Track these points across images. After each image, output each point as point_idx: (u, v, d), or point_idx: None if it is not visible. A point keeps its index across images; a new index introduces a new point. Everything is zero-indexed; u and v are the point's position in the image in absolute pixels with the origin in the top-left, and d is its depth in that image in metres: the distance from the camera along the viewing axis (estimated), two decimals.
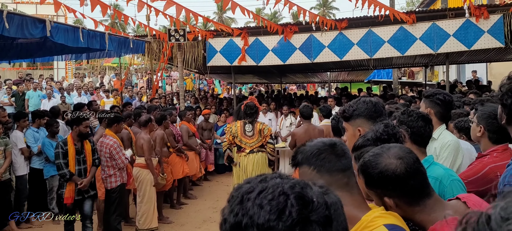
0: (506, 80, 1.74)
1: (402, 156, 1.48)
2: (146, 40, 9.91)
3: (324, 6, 51.65)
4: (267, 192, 0.86)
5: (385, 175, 1.45)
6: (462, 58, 12.83)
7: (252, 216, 0.83)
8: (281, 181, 0.89)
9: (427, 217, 1.47)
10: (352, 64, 12.82)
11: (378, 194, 1.51)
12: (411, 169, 1.46)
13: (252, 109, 6.19)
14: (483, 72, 17.31)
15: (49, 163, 6.64)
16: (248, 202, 0.85)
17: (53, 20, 6.28)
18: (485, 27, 8.40)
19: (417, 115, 2.33)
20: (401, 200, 1.47)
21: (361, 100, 2.43)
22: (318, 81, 21.67)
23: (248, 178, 0.94)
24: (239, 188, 0.91)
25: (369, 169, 1.50)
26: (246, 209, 0.84)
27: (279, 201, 0.84)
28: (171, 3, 8.16)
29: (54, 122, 6.82)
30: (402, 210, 1.48)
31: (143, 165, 6.19)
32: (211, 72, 13.85)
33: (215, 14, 51.50)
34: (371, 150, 1.58)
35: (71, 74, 22.63)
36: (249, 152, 6.18)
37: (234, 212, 0.85)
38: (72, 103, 11.51)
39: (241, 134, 6.23)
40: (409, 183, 1.45)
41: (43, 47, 8.22)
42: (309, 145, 1.55)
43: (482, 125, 2.43)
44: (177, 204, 7.65)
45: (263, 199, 0.85)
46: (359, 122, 2.35)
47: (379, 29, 9.02)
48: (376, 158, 1.50)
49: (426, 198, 1.49)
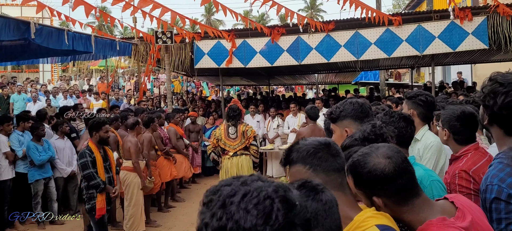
0: (488, 81, 1.76)
1: (391, 155, 1.48)
2: (133, 42, 9.85)
3: (311, 9, 51.92)
4: (251, 195, 0.85)
5: (373, 174, 1.46)
6: (447, 60, 12.99)
7: (238, 221, 0.81)
8: (263, 184, 0.88)
9: (415, 216, 1.48)
10: (340, 66, 12.89)
11: (366, 193, 1.51)
12: (399, 168, 1.46)
13: (235, 112, 6.18)
14: (468, 74, 17.56)
15: (33, 167, 6.53)
16: (232, 205, 0.84)
17: (38, 23, 6.20)
18: (469, 29, 8.52)
19: (399, 116, 2.35)
20: (390, 200, 1.47)
21: (347, 101, 2.46)
22: (306, 83, 21.77)
23: (226, 180, 0.92)
24: (218, 190, 0.88)
25: (358, 169, 1.50)
26: (231, 213, 0.82)
27: (265, 205, 0.83)
28: (158, 6, 8.11)
29: (39, 125, 6.72)
30: (390, 209, 1.49)
31: (130, 168, 6.14)
32: (198, 74, 13.80)
33: (203, 17, 51.42)
34: (359, 150, 1.58)
35: (57, 77, 22.36)
36: (233, 155, 6.15)
37: (217, 216, 0.83)
38: (58, 107, 11.37)
39: (225, 136, 6.21)
40: (397, 182, 1.45)
41: (27, 49, 8.11)
42: (304, 144, 1.54)
43: (446, 129, 2.46)
44: (165, 207, 7.61)
45: (248, 202, 0.83)
46: (346, 123, 2.37)
47: (366, 31, 9.09)
48: (365, 158, 1.50)
49: (415, 198, 1.49)
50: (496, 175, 1.66)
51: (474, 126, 2.41)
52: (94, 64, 22.24)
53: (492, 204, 1.64)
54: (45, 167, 6.65)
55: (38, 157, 6.47)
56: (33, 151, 6.47)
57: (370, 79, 19.73)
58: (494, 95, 1.70)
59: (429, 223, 1.42)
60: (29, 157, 6.52)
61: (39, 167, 6.55)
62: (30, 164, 6.55)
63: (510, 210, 1.59)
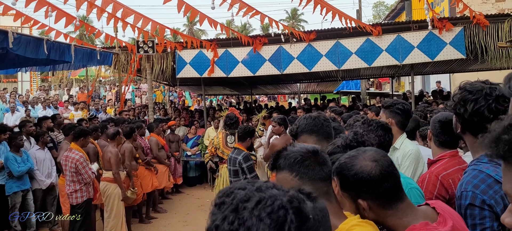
0: (458, 90, 1.80)
1: (377, 158, 1.50)
2: (113, 51, 9.76)
3: (293, 19, 52.34)
4: (265, 203, 0.84)
5: (360, 176, 1.47)
6: (426, 69, 13.23)
7: (250, 228, 0.81)
8: (278, 192, 0.87)
9: (398, 221, 1.49)
10: (321, 75, 13.00)
11: (352, 196, 1.51)
12: (385, 172, 1.48)
13: (232, 120, 6.25)
14: (446, 83, 17.92)
15: (12, 178, 6.32)
16: (245, 211, 0.83)
17: (16, 32, 6.09)
18: (447, 39, 8.71)
19: (377, 124, 2.39)
20: (375, 203, 1.48)
21: (301, 117, 2.55)
22: (288, 93, 21.85)
23: (240, 183, 0.91)
24: (231, 193, 0.87)
25: (344, 171, 1.51)
26: (243, 219, 0.82)
27: (279, 215, 0.82)
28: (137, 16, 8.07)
29: (17, 135, 6.53)
30: (374, 213, 1.50)
31: (111, 179, 6.05)
32: (181, 84, 13.73)
33: (185, 26, 51.32)
34: (346, 153, 1.60)
35: (36, 87, 21.96)
36: None
37: (228, 220, 0.82)
38: (36, 117, 11.15)
39: (223, 145, 6.27)
40: (383, 185, 1.47)
41: (5, 59, 7.94)
42: (292, 151, 1.55)
43: (430, 129, 2.54)
44: (146, 219, 7.50)
45: (261, 210, 0.82)
46: (303, 138, 2.47)
47: (347, 41, 9.21)
48: (351, 160, 1.51)
49: (399, 202, 1.50)
50: (470, 182, 1.69)
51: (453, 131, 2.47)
52: (74, 74, 21.94)
53: (466, 210, 1.67)
54: (24, 178, 6.46)
55: (17, 168, 6.27)
56: (12, 162, 6.27)
57: (352, 89, 19.96)
58: (464, 103, 1.75)
59: (413, 227, 1.44)
60: (7, 168, 6.30)
61: (18, 179, 6.35)
62: (8, 176, 6.34)
63: (484, 215, 1.62)
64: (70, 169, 5.55)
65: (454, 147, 2.43)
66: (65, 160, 5.60)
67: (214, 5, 7.16)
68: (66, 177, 5.63)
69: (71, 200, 5.65)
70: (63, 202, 6.16)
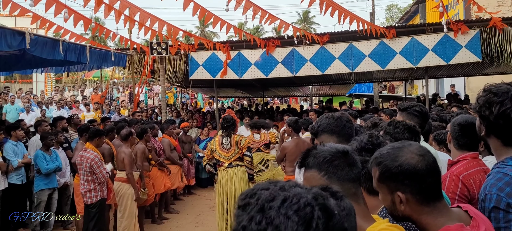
0: (482, 92, 1.77)
1: (423, 153, 1.49)
2: (127, 53, 9.84)
3: (305, 21, 52.28)
4: (291, 201, 0.85)
5: (405, 168, 1.45)
6: (440, 73, 13.10)
7: (279, 226, 0.82)
8: (302, 190, 0.89)
9: (433, 220, 1.47)
10: (334, 78, 12.96)
11: (390, 188, 1.49)
12: (431, 167, 1.46)
13: (229, 122, 6.11)
14: (461, 87, 17.71)
15: (40, 176, 6.42)
16: (271, 210, 0.84)
17: (33, 33, 6.18)
18: (462, 42, 8.62)
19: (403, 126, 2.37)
20: (414, 197, 1.46)
21: (324, 116, 2.54)
22: (300, 95, 21.81)
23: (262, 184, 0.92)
24: (255, 194, 0.89)
25: (387, 161, 1.48)
26: (270, 218, 0.83)
27: (305, 212, 0.84)
28: (152, 18, 8.14)
29: (48, 135, 6.63)
30: (411, 208, 1.47)
31: (124, 179, 6.09)
32: (193, 86, 13.80)
33: (198, 28, 51.57)
34: (389, 144, 1.57)
35: (50, 88, 22.24)
36: (228, 166, 6.05)
37: (256, 220, 0.83)
38: (51, 117, 11.29)
39: (219, 147, 6.11)
40: (427, 180, 1.45)
41: (22, 59, 8.06)
42: (322, 150, 1.54)
43: (450, 132, 2.52)
44: (159, 219, 7.53)
45: (288, 208, 0.84)
46: (324, 137, 2.45)
47: (360, 43, 9.16)
48: (396, 151, 1.49)
49: (437, 201, 1.49)
50: (495, 184, 1.66)
51: (473, 134, 2.45)
52: (88, 75, 22.17)
53: (491, 213, 1.64)
54: (51, 177, 6.57)
55: (45, 166, 6.39)
56: (40, 160, 6.37)
57: (364, 92, 19.85)
58: (489, 105, 1.71)
59: (448, 228, 1.42)
60: (36, 165, 6.41)
61: (46, 177, 6.46)
62: (37, 173, 6.44)
63: (509, 219, 1.60)
64: (84, 169, 5.60)
65: (474, 150, 2.40)
66: (80, 160, 5.65)
67: (228, 7, 7.17)
68: (81, 177, 5.68)
69: (85, 200, 5.70)
70: (78, 202, 6.22)
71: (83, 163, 5.62)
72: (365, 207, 1.54)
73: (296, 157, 5.63)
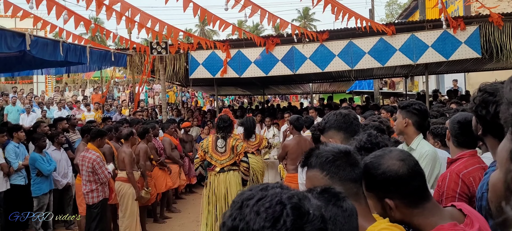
0: (478, 92, 1.78)
1: (404, 158, 1.51)
2: (127, 53, 9.86)
3: (305, 18, 52.22)
4: (265, 200, 0.90)
5: (387, 175, 1.48)
6: (440, 69, 13.10)
7: (248, 222, 0.87)
8: (281, 190, 0.93)
9: (425, 220, 1.49)
10: (334, 75, 12.96)
11: (378, 196, 1.52)
12: (412, 171, 1.49)
13: (226, 123, 5.66)
14: (461, 82, 17.70)
15: (40, 177, 6.41)
16: (247, 208, 0.90)
17: (33, 34, 6.20)
18: (462, 38, 8.62)
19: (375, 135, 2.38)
20: (402, 202, 1.49)
21: (331, 113, 2.56)
22: (300, 93, 21.82)
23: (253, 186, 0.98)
24: (242, 194, 0.96)
25: (371, 170, 1.52)
26: (244, 214, 0.89)
27: (275, 209, 0.88)
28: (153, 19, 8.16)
29: (41, 136, 6.62)
30: (401, 212, 1.50)
31: (125, 179, 6.11)
32: (193, 84, 13.81)
33: (197, 27, 51.53)
34: (371, 153, 1.61)
35: (51, 88, 22.26)
36: (220, 171, 5.60)
37: (232, 217, 0.91)
38: (52, 118, 11.33)
39: (212, 149, 5.63)
40: (411, 184, 1.48)
41: (22, 61, 8.09)
42: (324, 150, 1.56)
43: (449, 129, 2.53)
44: (161, 218, 7.57)
45: (260, 206, 0.89)
46: (331, 134, 2.46)
47: (360, 40, 9.16)
48: (378, 160, 1.53)
49: (425, 201, 1.51)
50: None
51: (472, 132, 2.47)
52: (88, 75, 22.17)
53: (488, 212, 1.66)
54: (49, 178, 6.58)
55: (46, 167, 6.39)
56: (40, 162, 6.35)
57: (364, 88, 19.84)
58: (485, 105, 1.72)
59: (441, 227, 1.44)
60: (34, 169, 6.39)
61: (46, 178, 6.47)
62: (36, 175, 6.42)
63: None
64: (86, 169, 5.62)
65: (473, 147, 2.42)
66: (82, 160, 5.67)
67: (227, 6, 7.19)
68: (83, 177, 5.70)
69: (87, 200, 5.72)
70: (80, 202, 6.24)
71: (85, 164, 5.64)
72: (367, 207, 1.56)
73: (298, 155, 5.65)
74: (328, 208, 1.21)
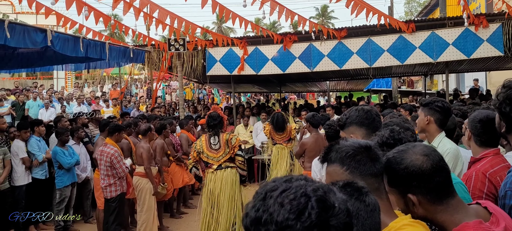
0: (502, 88, 1.74)
1: (428, 153, 1.48)
2: (146, 49, 9.94)
3: (323, 16, 51.93)
4: (289, 191, 0.90)
5: (411, 170, 1.45)
6: (461, 67, 12.86)
7: (272, 213, 0.87)
8: (305, 183, 0.93)
9: (449, 217, 1.46)
10: (351, 73, 12.85)
11: (400, 191, 1.50)
12: (437, 166, 1.46)
13: (215, 120, 5.55)
14: (482, 81, 17.35)
15: (62, 171, 6.55)
16: (270, 199, 0.90)
17: (54, 30, 6.30)
18: (484, 36, 8.44)
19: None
20: (425, 198, 1.46)
21: (353, 108, 2.53)
22: (317, 91, 21.71)
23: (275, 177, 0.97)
24: (265, 185, 0.95)
25: (393, 165, 1.50)
26: (267, 206, 0.89)
27: (300, 201, 0.88)
28: (172, 15, 8.21)
29: (64, 131, 6.76)
30: (424, 208, 1.47)
31: (143, 174, 6.16)
32: (210, 81, 13.87)
33: (214, 24, 51.72)
34: (395, 148, 1.58)
35: (71, 84, 22.64)
36: (217, 168, 5.50)
37: (255, 208, 0.90)
38: (71, 113, 11.50)
39: (207, 148, 5.55)
40: (434, 179, 1.45)
41: (43, 56, 8.24)
42: (344, 145, 1.55)
43: (469, 129, 2.47)
44: (177, 214, 7.62)
45: (284, 198, 0.89)
46: (352, 129, 2.43)
47: (379, 38, 9.06)
48: (401, 154, 1.50)
49: (450, 198, 1.48)
50: None
51: (495, 130, 2.41)
52: (107, 71, 22.48)
53: (511, 210, 1.61)
54: (72, 171, 6.72)
55: (67, 161, 6.52)
56: (60, 155, 6.50)
57: (382, 87, 19.62)
58: (509, 101, 1.68)
59: (466, 225, 1.40)
60: (56, 162, 6.54)
61: (67, 171, 6.60)
62: (58, 168, 6.57)
63: None
64: (105, 163, 5.70)
65: (495, 145, 2.36)
66: (100, 155, 5.75)
67: (246, 3, 7.18)
68: (101, 171, 5.78)
69: (105, 194, 5.80)
70: (98, 196, 6.33)
71: (103, 158, 5.71)
72: (388, 202, 1.53)
73: (316, 152, 5.61)
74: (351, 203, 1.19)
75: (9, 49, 7.11)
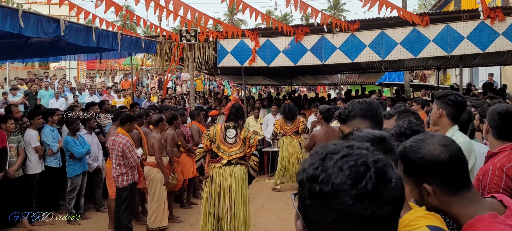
0: None
1: (446, 143, 1.46)
2: (157, 40, 9.96)
3: (335, 8, 51.52)
4: (350, 157, 0.92)
5: (428, 159, 1.43)
6: (475, 61, 12.69)
7: (330, 175, 0.89)
8: (367, 153, 0.94)
9: (464, 209, 1.43)
10: (363, 66, 12.76)
11: (416, 181, 1.47)
12: (454, 156, 1.44)
13: (238, 111, 5.26)
14: (497, 76, 17.10)
15: (73, 160, 6.60)
16: (330, 161, 0.91)
17: (67, 20, 6.34)
18: (500, 29, 8.30)
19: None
20: (441, 188, 1.44)
21: (355, 101, 2.47)
22: (328, 84, 21.60)
23: (337, 141, 1.00)
24: (326, 146, 0.97)
25: (410, 154, 1.47)
26: (326, 166, 0.91)
27: (359, 169, 0.89)
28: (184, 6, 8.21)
29: (75, 120, 6.82)
30: (439, 199, 1.45)
31: (154, 164, 6.20)
32: (221, 73, 13.87)
33: (226, 16, 51.64)
34: (412, 137, 1.56)
35: (82, 75, 22.82)
36: (226, 163, 5.12)
37: (314, 166, 0.92)
38: (84, 103, 11.60)
39: (220, 139, 5.15)
40: (452, 170, 1.43)
41: (56, 46, 8.30)
42: (358, 135, 1.54)
43: (487, 122, 2.45)
44: (187, 204, 7.66)
45: (344, 163, 0.90)
46: (355, 123, 2.38)
47: (392, 31, 8.96)
48: (418, 143, 1.48)
49: (465, 190, 1.45)
50: None
51: None
52: (118, 62, 22.59)
53: None
54: (83, 160, 6.77)
55: (78, 150, 6.58)
56: (72, 145, 6.55)
57: (394, 80, 19.45)
58: None
59: (480, 217, 1.38)
60: (67, 151, 6.59)
61: (79, 161, 6.66)
62: (69, 158, 6.62)
63: None
64: (116, 153, 5.74)
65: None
66: (112, 144, 5.79)
67: None
68: (113, 161, 5.82)
69: (117, 183, 5.84)
70: (110, 185, 6.38)
71: (115, 148, 5.75)
72: None
73: None
74: None
75: (22, 38, 7.17)
